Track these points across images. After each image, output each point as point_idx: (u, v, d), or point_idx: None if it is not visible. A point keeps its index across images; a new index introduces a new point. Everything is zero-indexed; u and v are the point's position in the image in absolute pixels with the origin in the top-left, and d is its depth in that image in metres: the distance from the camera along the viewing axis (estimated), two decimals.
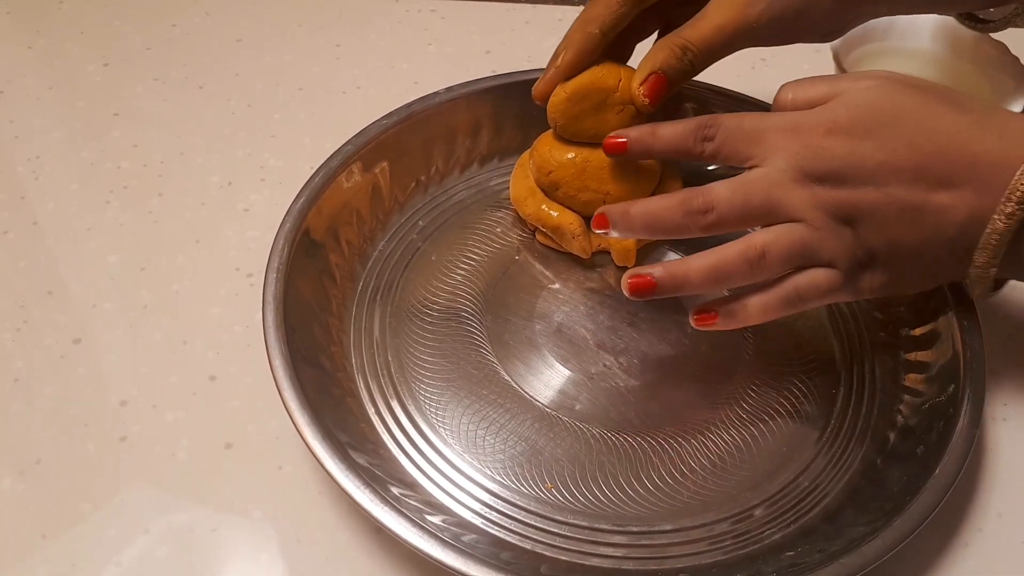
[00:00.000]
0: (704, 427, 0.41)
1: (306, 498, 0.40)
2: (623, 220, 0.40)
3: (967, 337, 0.41)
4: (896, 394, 0.42)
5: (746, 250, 0.37)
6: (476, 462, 0.40)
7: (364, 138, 0.48)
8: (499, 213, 0.50)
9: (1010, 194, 0.35)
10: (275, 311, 0.40)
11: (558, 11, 0.65)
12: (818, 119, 0.38)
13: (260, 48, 0.63)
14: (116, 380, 0.44)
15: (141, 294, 0.48)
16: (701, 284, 0.38)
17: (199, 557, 0.38)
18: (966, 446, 0.37)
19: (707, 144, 0.40)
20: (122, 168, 0.54)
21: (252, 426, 0.42)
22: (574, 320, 0.45)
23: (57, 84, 0.60)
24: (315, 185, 0.46)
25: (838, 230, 0.37)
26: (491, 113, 0.52)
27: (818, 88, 0.39)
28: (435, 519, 0.37)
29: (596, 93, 0.44)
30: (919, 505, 0.35)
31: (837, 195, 0.37)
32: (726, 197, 0.38)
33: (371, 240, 0.48)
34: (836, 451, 0.41)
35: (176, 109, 0.58)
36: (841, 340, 0.45)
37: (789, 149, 0.37)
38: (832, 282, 0.38)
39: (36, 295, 0.47)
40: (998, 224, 0.36)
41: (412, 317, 0.45)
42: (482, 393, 0.42)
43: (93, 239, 0.50)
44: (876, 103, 0.37)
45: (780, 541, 0.37)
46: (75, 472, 0.40)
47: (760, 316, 0.39)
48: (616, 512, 0.38)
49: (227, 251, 0.50)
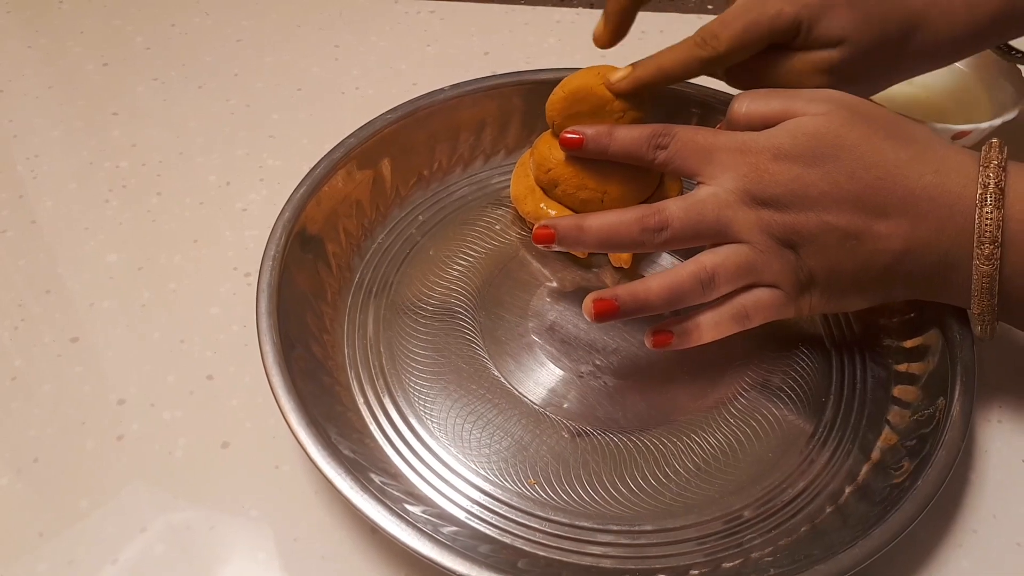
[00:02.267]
0: (691, 429, 0.41)
1: (303, 497, 0.40)
2: (574, 234, 0.40)
3: (958, 349, 0.40)
4: (885, 404, 0.42)
5: (697, 272, 0.39)
6: (461, 455, 0.40)
7: (368, 132, 0.49)
8: (499, 211, 0.51)
9: (980, 236, 0.37)
10: (269, 298, 0.41)
11: (556, 12, 0.65)
12: (766, 143, 0.39)
13: (259, 48, 0.63)
14: (114, 379, 0.44)
15: (139, 293, 0.48)
16: (660, 305, 0.39)
17: (196, 555, 0.38)
18: (950, 459, 0.37)
19: (659, 152, 0.41)
20: (121, 167, 0.54)
21: (249, 425, 0.42)
22: (567, 319, 0.45)
23: (57, 83, 0.60)
24: (316, 175, 0.46)
25: (781, 253, 0.39)
26: (496, 111, 0.52)
27: (772, 105, 0.39)
28: (415, 509, 0.37)
29: (594, 96, 0.44)
30: (899, 516, 0.35)
31: (781, 219, 0.38)
32: (679, 216, 0.39)
33: (370, 233, 0.49)
34: (822, 459, 0.40)
35: (175, 109, 0.58)
36: (835, 347, 0.45)
37: (737, 170, 0.39)
38: (776, 301, 0.40)
39: (34, 293, 0.47)
40: (982, 268, 0.37)
41: (407, 310, 0.45)
42: (471, 387, 0.42)
43: (92, 238, 0.50)
44: (823, 132, 0.38)
45: (760, 545, 0.37)
46: (73, 470, 0.41)
47: (712, 333, 0.40)
48: (597, 511, 0.38)
49: (225, 250, 0.50)
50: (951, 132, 0.49)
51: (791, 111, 0.39)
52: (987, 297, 0.38)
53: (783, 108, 0.39)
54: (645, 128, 0.41)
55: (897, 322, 0.45)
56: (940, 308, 0.42)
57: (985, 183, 0.37)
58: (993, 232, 0.36)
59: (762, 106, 0.40)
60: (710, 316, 0.40)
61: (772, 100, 0.40)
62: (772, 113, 0.39)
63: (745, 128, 0.40)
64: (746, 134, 0.39)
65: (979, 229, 0.37)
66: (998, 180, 0.37)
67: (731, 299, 0.40)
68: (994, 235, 0.36)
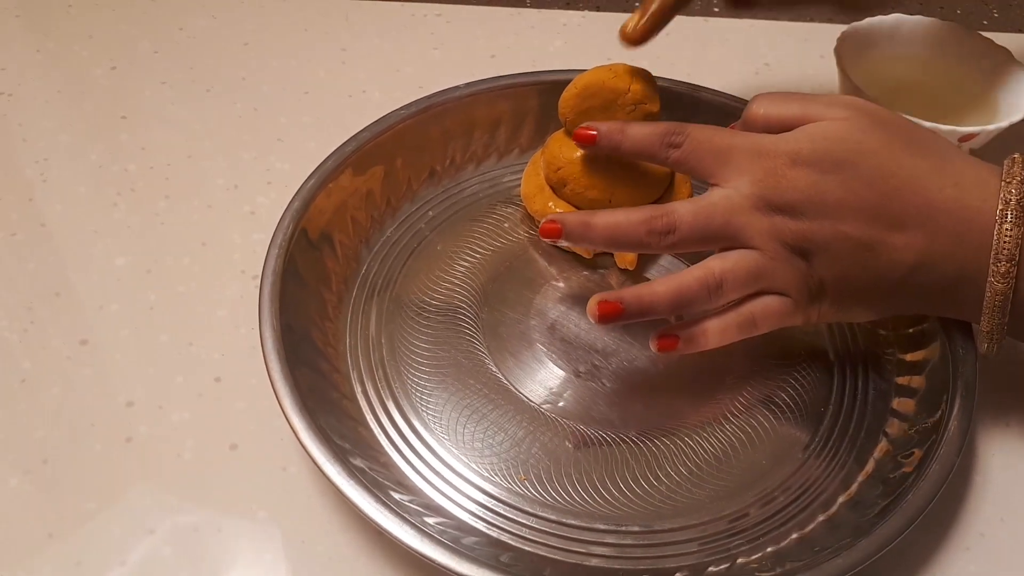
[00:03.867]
0: (685, 434, 0.41)
1: (310, 499, 0.40)
2: (580, 230, 0.40)
3: (960, 364, 0.40)
4: (884, 416, 0.42)
5: (705, 277, 0.38)
6: (455, 448, 0.40)
7: (381, 127, 0.49)
8: (509, 209, 0.51)
9: (997, 254, 0.36)
10: (272, 284, 0.41)
11: (563, 16, 0.65)
12: (784, 148, 0.38)
13: (266, 52, 0.63)
14: (122, 381, 0.44)
15: (147, 296, 0.48)
16: (665, 309, 0.39)
17: (204, 557, 0.38)
18: (944, 474, 0.37)
19: (672, 151, 0.40)
20: (129, 171, 0.55)
21: (257, 427, 0.42)
22: (569, 319, 0.45)
23: (65, 87, 0.60)
24: (327, 167, 0.46)
25: (792, 261, 0.38)
26: (510, 110, 0.52)
27: (791, 108, 0.39)
28: (403, 498, 0.37)
29: (606, 92, 0.44)
30: (886, 528, 0.35)
31: (795, 227, 0.38)
32: (688, 220, 0.38)
33: (379, 225, 0.49)
34: (817, 469, 0.40)
35: (183, 112, 0.59)
36: (838, 358, 0.44)
37: (753, 174, 0.38)
38: (784, 309, 0.39)
39: (43, 296, 0.48)
40: (997, 286, 0.36)
41: (411, 303, 0.46)
42: (469, 382, 0.43)
43: (100, 241, 0.51)
44: (842, 139, 0.37)
45: (748, 552, 0.37)
46: (81, 472, 0.41)
47: (719, 340, 0.39)
48: (586, 510, 0.38)
49: (233, 253, 0.50)
50: (958, 134, 0.48)
51: (810, 115, 0.38)
52: (998, 315, 0.37)
53: (802, 112, 0.39)
54: (659, 126, 0.41)
55: (900, 335, 0.44)
56: (944, 322, 0.42)
57: (1007, 199, 0.36)
58: (1011, 250, 0.36)
59: (781, 109, 0.39)
60: (717, 322, 0.39)
61: (791, 103, 0.39)
62: (790, 116, 0.39)
63: (762, 130, 0.39)
64: (764, 136, 0.39)
65: (997, 246, 0.36)
66: (1020, 197, 0.36)
67: (739, 306, 0.39)
68: (1012, 253, 0.36)
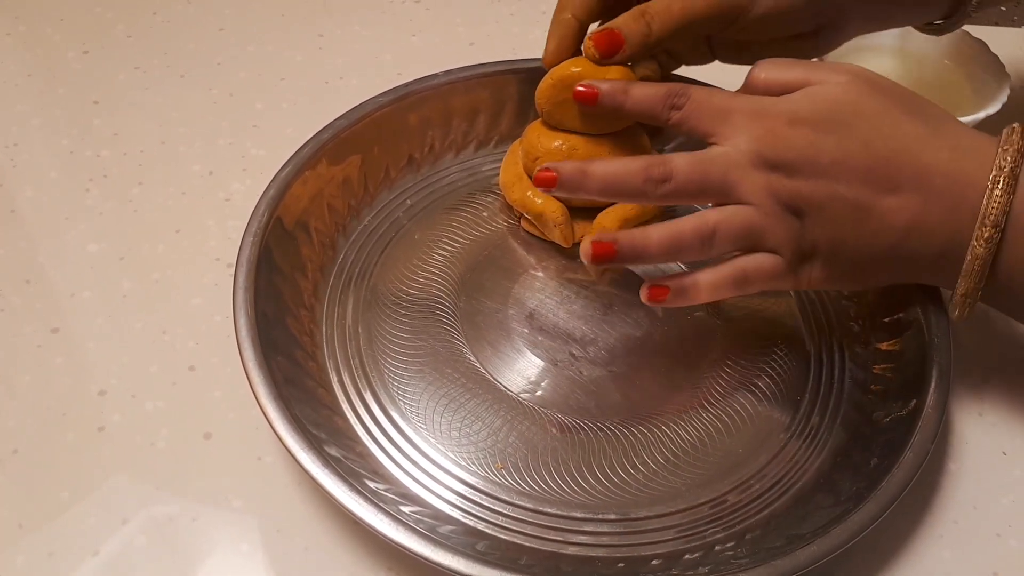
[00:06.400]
0: (662, 422, 0.41)
1: (286, 488, 0.40)
2: (577, 178, 0.39)
3: (935, 353, 0.40)
4: (861, 404, 0.42)
5: (699, 226, 0.38)
6: (431, 437, 0.40)
7: (358, 114, 0.48)
8: (487, 198, 0.50)
9: (984, 218, 0.36)
10: (247, 272, 0.41)
11: (543, 3, 0.65)
12: (783, 108, 0.38)
13: (242, 37, 0.62)
14: (95, 370, 0.44)
15: (120, 283, 0.47)
16: (658, 254, 0.39)
17: (179, 547, 0.38)
18: (918, 462, 0.37)
19: (674, 112, 0.40)
20: (102, 156, 0.54)
21: (231, 416, 0.42)
22: (548, 308, 0.45)
23: (36, 71, 0.59)
24: (304, 155, 0.46)
25: (786, 219, 0.38)
26: (489, 98, 0.52)
27: (793, 73, 0.39)
28: (379, 487, 0.37)
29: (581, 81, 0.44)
30: (860, 516, 0.35)
31: (791, 184, 0.38)
32: (685, 170, 0.38)
33: (357, 213, 0.49)
34: (793, 456, 0.40)
35: (157, 98, 0.58)
36: (815, 346, 0.45)
37: (751, 132, 0.38)
38: (776, 268, 0.39)
39: (14, 283, 0.47)
40: (978, 250, 0.37)
41: (388, 292, 0.45)
42: (446, 371, 0.42)
43: (72, 228, 0.50)
44: (841, 101, 0.38)
45: (724, 539, 0.37)
46: (53, 462, 0.40)
47: (709, 294, 0.39)
48: (563, 498, 0.39)
49: (208, 240, 0.49)
50: None
51: (811, 79, 0.39)
52: (975, 280, 0.37)
53: (804, 76, 0.39)
54: (661, 86, 0.41)
55: (876, 323, 0.45)
56: (920, 308, 0.42)
57: (1001, 166, 0.36)
58: (997, 216, 0.36)
59: (783, 73, 0.39)
60: (709, 275, 0.39)
61: (794, 68, 0.39)
62: (792, 80, 0.39)
63: (763, 94, 0.40)
64: (764, 98, 0.39)
65: (984, 211, 0.36)
66: (1014, 166, 0.36)
67: (731, 261, 0.39)
68: (998, 219, 0.36)
